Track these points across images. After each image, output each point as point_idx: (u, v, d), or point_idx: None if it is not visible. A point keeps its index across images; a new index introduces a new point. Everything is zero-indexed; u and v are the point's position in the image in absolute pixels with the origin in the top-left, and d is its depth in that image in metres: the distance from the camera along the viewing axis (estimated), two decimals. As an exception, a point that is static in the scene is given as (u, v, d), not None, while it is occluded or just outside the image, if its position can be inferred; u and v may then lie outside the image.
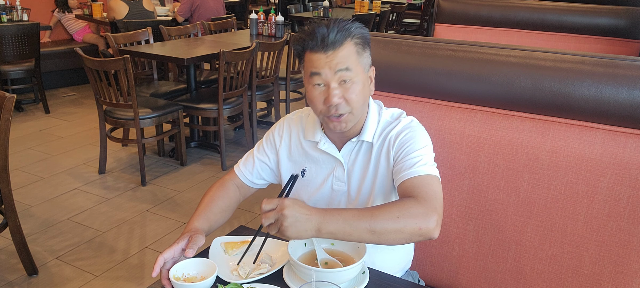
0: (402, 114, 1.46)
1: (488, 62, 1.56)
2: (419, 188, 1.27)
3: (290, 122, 1.55)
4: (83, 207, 3.47)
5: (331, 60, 1.29)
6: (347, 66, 1.30)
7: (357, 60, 1.32)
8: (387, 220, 1.18)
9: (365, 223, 1.17)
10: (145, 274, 2.79)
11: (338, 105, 1.31)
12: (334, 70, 1.29)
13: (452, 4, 3.19)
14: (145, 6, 5.74)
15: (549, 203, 1.48)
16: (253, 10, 5.68)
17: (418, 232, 1.19)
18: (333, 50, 1.29)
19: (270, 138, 1.57)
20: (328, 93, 1.31)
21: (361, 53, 1.33)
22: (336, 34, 1.29)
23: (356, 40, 1.32)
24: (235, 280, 1.26)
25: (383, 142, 1.41)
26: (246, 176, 1.57)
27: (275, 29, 5.02)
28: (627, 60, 1.41)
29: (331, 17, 1.35)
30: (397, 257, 1.55)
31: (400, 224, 1.18)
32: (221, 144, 4.12)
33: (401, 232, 1.18)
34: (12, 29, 4.95)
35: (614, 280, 1.43)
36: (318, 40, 1.29)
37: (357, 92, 1.32)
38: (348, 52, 1.30)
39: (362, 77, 1.33)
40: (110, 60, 3.53)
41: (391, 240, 1.19)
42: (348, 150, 1.45)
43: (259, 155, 1.57)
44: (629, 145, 1.39)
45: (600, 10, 2.85)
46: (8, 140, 2.45)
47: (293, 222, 1.14)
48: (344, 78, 1.30)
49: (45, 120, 5.17)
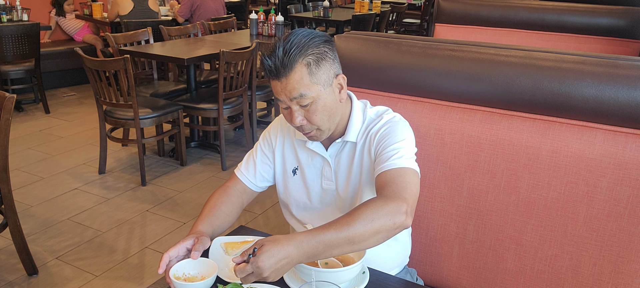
0: (386, 110, 1.48)
1: (488, 62, 1.56)
2: (391, 182, 1.27)
3: (283, 122, 1.56)
4: (83, 207, 3.47)
5: (285, 87, 1.30)
6: (300, 93, 1.30)
7: (311, 81, 1.30)
8: (363, 226, 1.16)
9: (342, 236, 1.15)
10: (145, 274, 2.79)
11: (302, 126, 1.35)
12: (289, 98, 1.31)
13: (452, 4, 3.19)
14: (150, 6, 5.74)
15: (549, 203, 1.48)
16: (253, 10, 5.68)
17: (393, 227, 1.19)
18: (285, 77, 1.29)
19: (266, 138, 1.59)
20: (291, 115, 1.34)
21: (315, 72, 1.30)
22: (282, 59, 1.28)
23: (308, 59, 1.29)
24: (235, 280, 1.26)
25: (365, 138, 1.43)
26: (249, 179, 1.58)
27: (275, 29, 5.02)
28: (627, 60, 1.41)
29: (284, 37, 1.31)
30: (396, 252, 1.56)
31: (376, 225, 1.17)
32: (221, 144, 4.12)
33: (378, 232, 1.18)
34: (12, 29, 4.95)
35: (614, 280, 1.43)
36: (267, 70, 1.31)
37: (318, 112, 1.33)
38: (299, 76, 1.29)
39: (323, 94, 1.33)
40: (110, 60, 3.53)
41: (371, 244, 1.19)
42: (334, 150, 1.48)
43: (259, 156, 1.58)
44: (629, 145, 1.39)
45: (600, 10, 2.85)
46: (8, 140, 2.45)
47: (272, 271, 1.13)
48: (301, 103, 1.32)
49: (45, 120, 5.17)
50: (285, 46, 1.28)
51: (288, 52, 1.28)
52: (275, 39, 1.37)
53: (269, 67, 1.30)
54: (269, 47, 1.32)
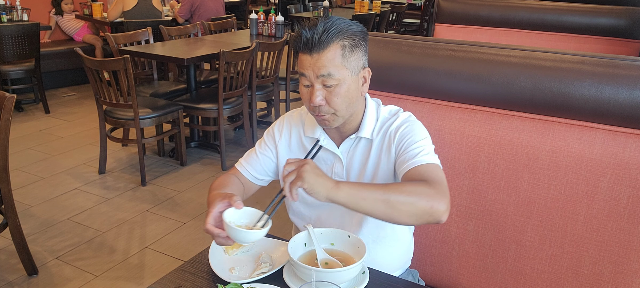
0: (399, 110, 1.48)
1: (488, 62, 1.56)
2: (426, 175, 1.29)
3: (290, 119, 1.56)
4: (83, 207, 3.47)
5: (315, 63, 1.30)
6: (329, 72, 1.30)
7: (342, 63, 1.31)
8: (401, 194, 1.21)
9: (379, 192, 1.20)
10: (145, 274, 2.79)
11: (320, 106, 1.34)
12: (317, 74, 1.31)
13: (452, 4, 3.19)
14: (154, 4, 5.74)
15: (549, 203, 1.48)
16: (253, 10, 5.68)
17: (429, 211, 1.21)
18: (317, 53, 1.30)
19: (270, 133, 1.58)
20: (311, 93, 1.33)
21: (348, 56, 1.32)
22: (321, 35, 1.29)
23: (344, 41, 1.31)
24: (236, 280, 1.26)
25: (383, 137, 1.43)
26: (250, 172, 1.57)
27: (275, 29, 5.02)
28: (627, 60, 1.41)
29: (325, 17, 1.34)
30: (398, 254, 1.56)
31: (413, 199, 1.21)
32: (221, 144, 4.12)
33: (414, 206, 1.21)
34: (12, 29, 4.95)
35: (614, 280, 1.43)
36: (303, 42, 1.31)
37: (340, 96, 1.33)
38: (332, 55, 1.30)
39: (348, 79, 1.33)
40: (110, 60, 3.53)
41: (403, 214, 1.21)
42: (346, 146, 1.47)
43: (261, 150, 1.57)
44: (629, 145, 1.39)
45: (600, 10, 2.85)
46: (8, 140, 2.45)
47: (311, 174, 1.17)
48: (326, 83, 1.32)
49: (45, 120, 5.17)
50: (326, 24, 1.30)
51: (328, 30, 1.30)
52: (311, 19, 1.37)
53: (305, 38, 1.30)
54: (308, 22, 1.34)
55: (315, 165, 1.20)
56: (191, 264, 1.36)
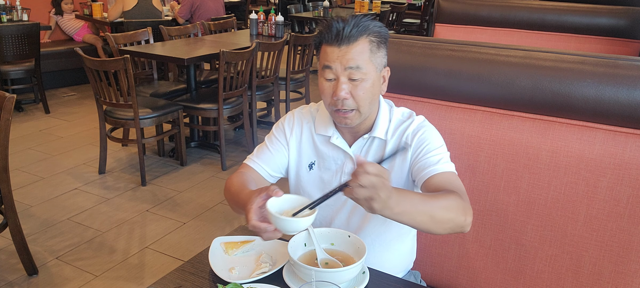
0: (412, 113, 1.48)
1: (488, 62, 1.56)
2: (450, 185, 1.30)
3: (300, 115, 1.54)
4: (83, 207, 3.47)
5: (343, 55, 1.31)
6: (357, 64, 1.31)
7: (370, 58, 1.33)
8: (443, 210, 1.21)
9: (422, 206, 1.19)
10: (145, 274, 2.79)
11: (345, 100, 1.33)
12: (345, 66, 1.31)
13: (452, 4, 3.19)
14: (154, 4, 5.74)
15: (549, 203, 1.48)
16: (253, 10, 5.68)
17: (460, 225, 1.24)
18: (346, 46, 1.30)
19: (280, 128, 1.54)
20: (337, 87, 1.32)
21: (375, 51, 1.34)
22: (352, 29, 1.30)
23: (372, 37, 1.33)
24: (236, 280, 1.26)
25: (399, 139, 1.43)
26: (264, 168, 1.51)
27: (275, 29, 5.02)
28: (627, 60, 1.41)
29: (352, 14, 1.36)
30: (402, 257, 1.56)
31: (451, 215, 1.22)
32: (221, 144, 4.12)
33: (452, 222, 1.23)
34: (12, 29, 4.95)
35: (614, 280, 1.43)
36: (333, 33, 1.31)
37: (365, 90, 1.33)
38: (361, 49, 1.31)
39: (373, 75, 1.34)
40: (110, 60, 3.53)
41: (439, 229, 1.23)
42: (359, 146, 1.46)
43: (273, 146, 1.53)
44: (629, 145, 1.39)
45: (600, 10, 2.85)
46: (8, 140, 2.45)
47: (386, 193, 1.08)
48: (352, 76, 1.32)
49: (45, 120, 5.17)
50: (357, 20, 1.32)
51: (358, 24, 1.31)
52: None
53: (336, 30, 1.31)
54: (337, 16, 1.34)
55: (386, 178, 1.09)
56: (191, 264, 1.36)
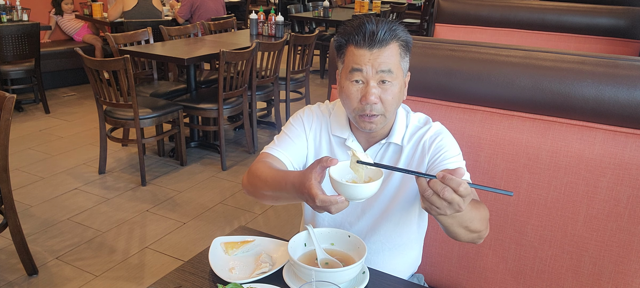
0: (429, 118, 1.47)
1: (488, 62, 1.56)
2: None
3: (318, 112, 1.49)
4: (83, 207, 3.47)
5: (375, 58, 1.28)
6: (389, 68, 1.28)
7: (399, 63, 1.31)
8: (477, 221, 1.24)
9: (469, 216, 1.20)
10: (145, 274, 2.79)
11: (374, 105, 1.30)
12: (376, 69, 1.28)
13: (452, 4, 3.19)
14: (154, 4, 5.74)
15: (549, 203, 1.48)
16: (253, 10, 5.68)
17: (481, 237, 1.30)
18: (378, 49, 1.27)
19: (299, 121, 1.48)
20: (366, 91, 1.29)
21: (403, 57, 1.33)
22: (385, 32, 1.27)
23: (401, 42, 1.31)
24: (236, 280, 1.26)
25: (416, 145, 1.40)
26: (286, 154, 1.43)
27: (275, 29, 5.02)
28: (627, 60, 1.41)
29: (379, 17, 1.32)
30: (409, 261, 1.54)
31: (482, 225, 1.26)
32: (221, 144, 4.12)
33: (477, 232, 1.26)
34: (12, 29, 4.95)
35: (614, 280, 1.43)
36: (366, 35, 1.27)
37: (393, 95, 1.31)
38: (392, 53, 1.29)
39: (401, 81, 1.33)
40: (110, 60, 3.53)
41: (467, 238, 1.27)
42: (374, 150, 1.43)
43: (292, 135, 1.46)
44: (629, 145, 1.39)
45: (600, 10, 2.85)
46: (8, 140, 2.45)
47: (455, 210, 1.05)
48: (383, 79, 1.29)
49: (45, 120, 5.17)
50: (388, 22, 1.29)
51: (391, 28, 1.28)
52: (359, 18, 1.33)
53: (370, 31, 1.27)
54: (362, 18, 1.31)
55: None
56: (191, 264, 1.36)
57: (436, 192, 1.03)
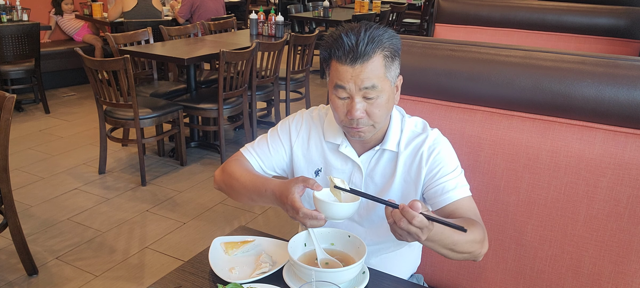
0: (426, 124, 1.44)
1: (488, 62, 1.56)
2: (469, 212, 1.31)
3: (309, 118, 1.48)
4: (83, 207, 3.47)
5: (358, 75, 1.22)
6: (373, 84, 1.23)
7: (384, 73, 1.25)
8: (464, 243, 1.20)
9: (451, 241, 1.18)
10: (145, 274, 2.79)
11: (360, 119, 1.28)
12: (359, 86, 1.23)
13: (452, 4, 3.19)
14: (154, 4, 5.74)
15: (549, 203, 1.48)
16: (253, 10, 5.68)
17: (475, 256, 1.27)
18: (361, 64, 1.22)
19: (285, 129, 1.48)
20: (351, 106, 1.26)
21: (389, 66, 1.26)
22: (366, 45, 1.21)
23: (386, 52, 1.25)
24: (235, 280, 1.26)
25: (414, 154, 1.38)
26: (258, 162, 1.46)
27: (275, 29, 5.02)
28: (627, 60, 1.41)
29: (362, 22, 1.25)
30: (409, 261, 1.55)
31: (473, 247, 1.24)
32: (221, 144, 4.12)
33: (467, 252, 1.24)
34: (12, 29, 4.95)
35: (614, 280, 1.43)
36: (345, 50, 1.22)
37: (380, 107, 1.28)
38: (376, 66, 1.23)
39: (388, 90, 1.28)
40: (110, 60, 3.53)
41: (458, 258, 1.25)
42: (368, 157, 1.41)
43: (274, 144, 1.47)
44: (629, 145, 1.39)
45: (600, 10, 2.85)
46: (8, 140, 2.45)
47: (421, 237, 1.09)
48: (368, 95, 1.25)
49: (45, 120, 5.17)
50: (369, 32, 1.22)
51: (372, 39, 1.21)
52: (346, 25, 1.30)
53: (349, 46, 1.21)
54: (348, 26, 1.24)
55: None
56: (191, 264, 1.36)
57: (395, 221, 1.08)
